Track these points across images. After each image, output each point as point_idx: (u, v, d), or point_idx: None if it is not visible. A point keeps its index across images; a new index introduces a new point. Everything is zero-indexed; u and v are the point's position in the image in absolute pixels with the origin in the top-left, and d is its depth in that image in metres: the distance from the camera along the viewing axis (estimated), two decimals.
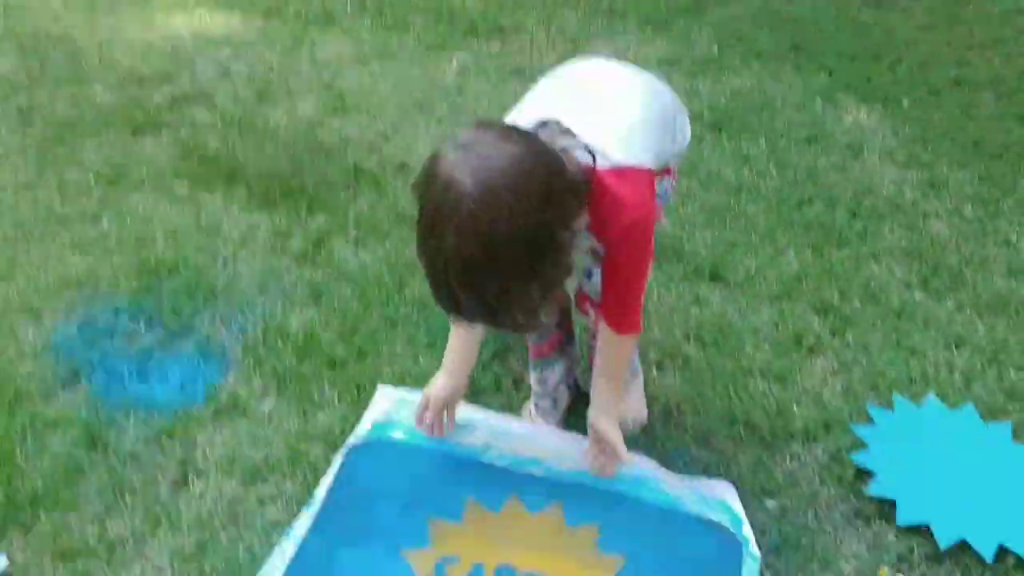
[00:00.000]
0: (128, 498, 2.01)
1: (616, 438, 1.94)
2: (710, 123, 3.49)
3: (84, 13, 4.17)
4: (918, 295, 2.69)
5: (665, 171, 1.96)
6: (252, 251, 2.75)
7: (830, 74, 3.93)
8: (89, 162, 3.09)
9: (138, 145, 3.22)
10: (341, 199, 2.98)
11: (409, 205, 2.31)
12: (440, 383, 2.01)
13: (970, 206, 3.11)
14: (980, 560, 1.93)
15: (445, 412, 2.04)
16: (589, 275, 1.88)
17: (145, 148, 3.20)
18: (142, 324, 2.46)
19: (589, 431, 1.99)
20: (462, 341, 2.02)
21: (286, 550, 1.85)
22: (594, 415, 1.97)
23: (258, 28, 4.12)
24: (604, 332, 1.91)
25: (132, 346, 2.40)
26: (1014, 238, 2.96)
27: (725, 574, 1.85)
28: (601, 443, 1.97)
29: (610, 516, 1.92)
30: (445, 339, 2.07)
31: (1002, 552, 1.93)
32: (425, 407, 2.02)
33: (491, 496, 1.94)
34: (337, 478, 1.98)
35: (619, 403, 2.03)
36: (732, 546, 1.89)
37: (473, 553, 1.82)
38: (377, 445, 2.06)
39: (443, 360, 2.05)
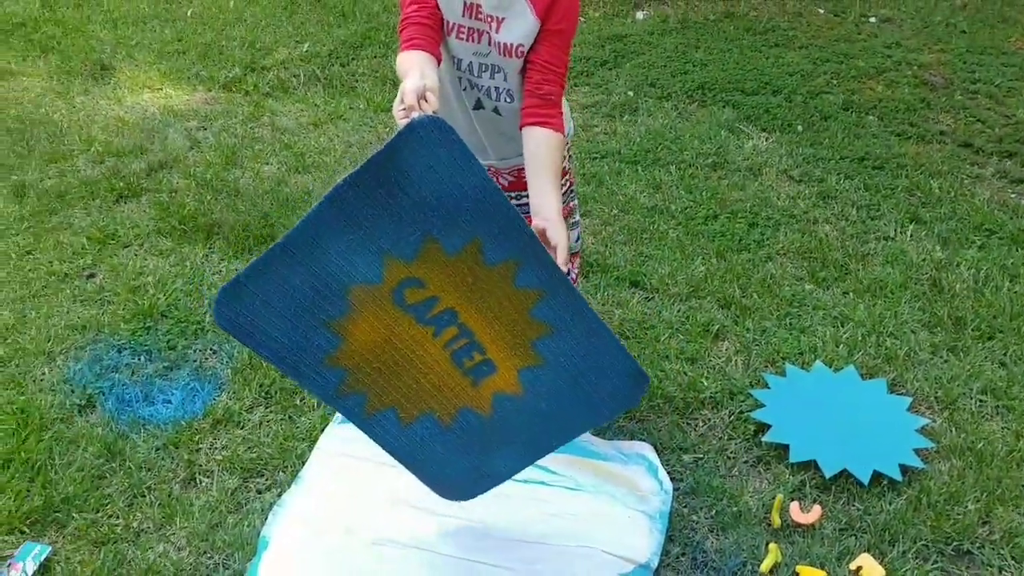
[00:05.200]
0: (146, 496, 2.38)
1: (564, 241, 1.93)
2: (628, 158, 3.96)
3: (62, 97, 4.58)
4: (808, 286, 3.15)
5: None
6: None
7: (733, 108, 4.44)
8: (80, 227, 3.48)
9: (122, 210, 3.61)
10: None
11: None
12: (410, 80, 1.84)
13: (855, 210, 3.60)
14: (860, 484, 2.36)
15: (422, 101, 1.83)
16: (499, 95, 2.14)
17: (129, 212, 3.60)
18: (143, 358, 2.84)
19: (555, 241, 1.94)
20: (414, 56, 1.97)
21: None
22: (550, 218, 1.96)
23: (220, 101, 4.55)
24: (536, 140, 2.04)
25: (136, 376, 2.77)
26: (892, 233, 3.45)
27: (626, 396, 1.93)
28: (564, 250, 1.93)
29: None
30: None
31: (877, 476, 2.37)
32: (401, 100, 1.83)
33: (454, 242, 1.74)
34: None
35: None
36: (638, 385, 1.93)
37: (438, 285, 1.75)
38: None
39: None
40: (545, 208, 1.98)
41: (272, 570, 2.13)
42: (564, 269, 1.91)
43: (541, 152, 2.04)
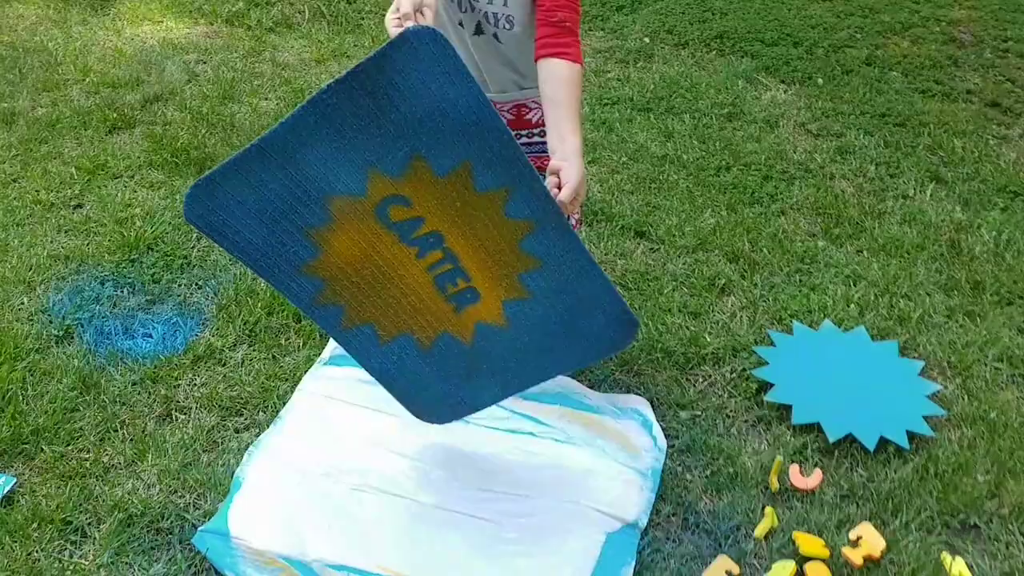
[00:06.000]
0: (119, 431, 2.29)
1: (575, 180, 1.80)
2: (640, 105, 3.81)
3: (58, 26, 4.44)
4: (821, 242, 3.01)
5: None
6: None
7: (752, 58, 4.27)
8: (69, 157, 3.37)
9: (114, 141, 3.50)
10: None
11: None
12: None
13: (873, 167, 3.45)
14: (864, 450, 2.24)
15: (418, 14, 1.75)
16: (498, 20, 2.01)
17: (121, 143, 3.48)
18: (125, 291, 2.74)
19: (565, 178, 1.80)
20: None
21: None
22: (567, 155, 1.83)
23: (222, 35, 4.41)
24: (552, 72, 1.90)
25: (117, 308, 2.67)
26: (911, 192, 3.30)
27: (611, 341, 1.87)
28: (572, 189, 1.79)
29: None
30: None
31: (883, 442, 2.25)
32: (396, 9, 1.75)
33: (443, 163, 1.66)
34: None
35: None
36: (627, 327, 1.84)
37: (425, 206, 1.68)
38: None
39: None
40: (564, 146, 1.85)
41: (244, 511, 2.04)
42: (572, 209, 1.82)
43: (558, 86, 1.91)
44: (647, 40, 4.42)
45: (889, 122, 3.78)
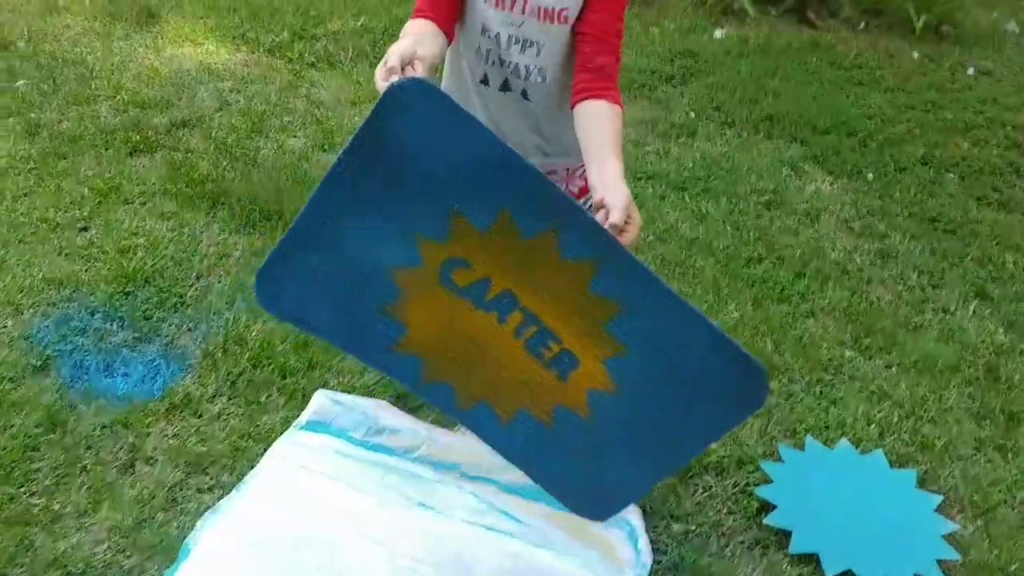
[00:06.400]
0: (78, 477, 2.17)
1: (621, 202, 1.63)
2: (675, 183, 3.67)
3: (101, 39, 4.41)
4: (848, 352, 2.83)
5: None
6: (227, 268, 2.92)
7: (801, 145, 4.11)
8: (85, 176, 3.29)
9: (133, 164, 3.42)
10: None
11: None
12: (399, 43, 1.65)
13: (916, 275, 3.26)
14: None
15: (408, 67, 1.61)
16: (529, 73, 1.89)
17: (139, 167, 3.40)
18: (114, 325, 2.63)
19: (611, 202, 1.63)
20: (417, 25, 1.80)
21: None
22: (607, 184, 1.67)
23: (261, 65, 4.35)
24: (590, 112, 1.78)
25: (102, 343, 2.57)
26: (952, 307, 3.11)
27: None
28: (624, 212, 1.63)
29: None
30: None
31: None
32: (384, 63, 1.61)
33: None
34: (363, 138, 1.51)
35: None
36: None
37: (484, 265, 1.59)
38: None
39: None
40: (604, 175, 1.67)
41: None
42: (630, 236, 1.61)
43: (597, 124, 1.77)
44: (692, 115, 4.28)
45: (939, 228, 3.59)
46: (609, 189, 1.65)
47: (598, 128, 1.78)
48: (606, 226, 1.55)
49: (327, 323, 1.70)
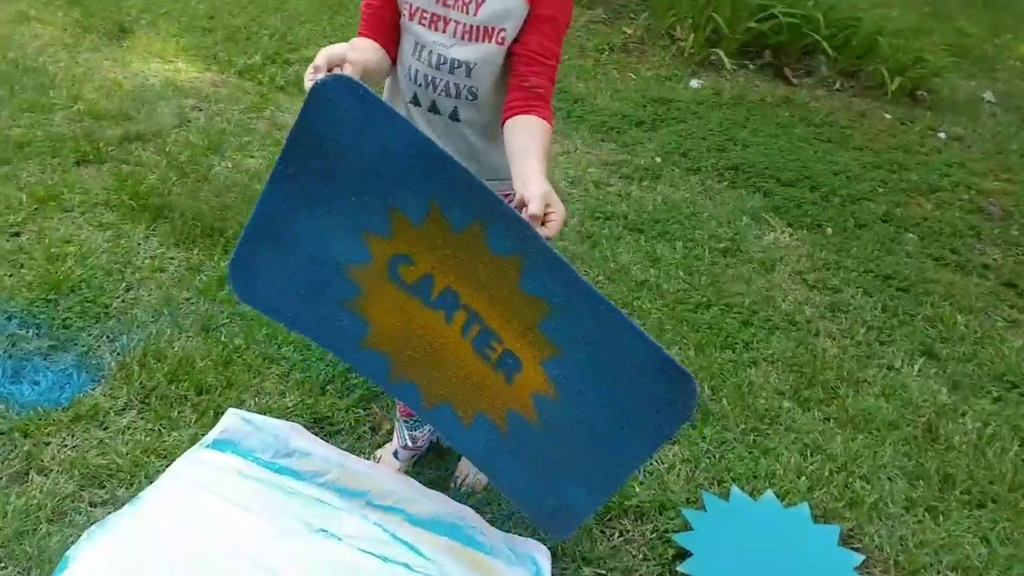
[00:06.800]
0: None
1: (555, 198, 1.61)
2: (633, 225, 3.62)
3: (68, 50, 4.38)
4: (787, 403, 2.76)
5: None
6: (159, 281, 2.86)
7: (764, 196, 4.08)
8: (26, 182, 3.23)
9: (78, 173, 3.36)
10: None
11: None
12: (331, 47, 1.63)
13: (864, 331, 3.21)
14: None
15: (337, 69, 1.60)
16: (460, 92, 1.85)
17: (84, 177, 3.35)
18: (31, 331, 2.56)
19: (529, 195, 1.59)
20: (357, 40, 1.83)
21: None
22: (527, 180, 1.64)
23: (229, 86, 4.32)
24: (518, 124, 1.75)
25: (15, 348, 2.49)
26: (898, 364, 3.04)
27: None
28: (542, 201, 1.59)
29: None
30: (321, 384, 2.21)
31: None
32: (314, 67, 1.60)
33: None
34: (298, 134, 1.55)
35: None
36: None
37: (426, 261, 1.60)
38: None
39: None
40: (526, 175, 1.63)
41: None
42: (552, 229, 1.56)
43: (524, 135, 1.74)
44: (658, 160, 4.25)
45: (892, 285, 3.54)
46: (528, 184, 1.63)
47: (525, 135, 1.75)
48: (526, 217, 1.53)
49: (301, 317, 1.74)
